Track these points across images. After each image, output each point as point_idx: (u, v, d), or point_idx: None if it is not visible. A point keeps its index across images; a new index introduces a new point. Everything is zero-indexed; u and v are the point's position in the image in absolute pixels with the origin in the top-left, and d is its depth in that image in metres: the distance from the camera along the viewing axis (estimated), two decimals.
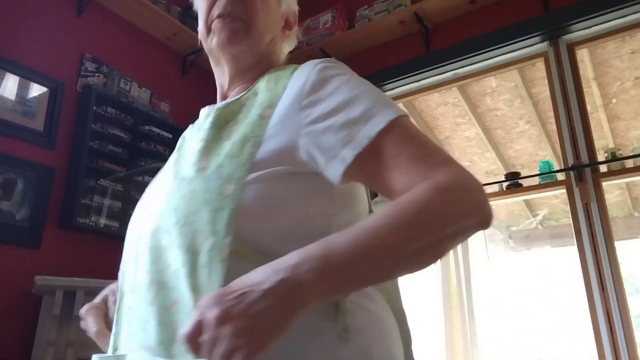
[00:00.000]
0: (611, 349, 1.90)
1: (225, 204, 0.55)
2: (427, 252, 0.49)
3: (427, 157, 0.54)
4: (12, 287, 1.99)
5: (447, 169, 0.52)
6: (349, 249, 0.46)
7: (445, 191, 0.50)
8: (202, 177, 0.59)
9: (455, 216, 0.49)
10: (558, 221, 5.16)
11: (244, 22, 0.73)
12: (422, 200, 0.49)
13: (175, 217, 0.57)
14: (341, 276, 0.46)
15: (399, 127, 0.56)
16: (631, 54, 3.19)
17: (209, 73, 3.58)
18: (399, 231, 0.47)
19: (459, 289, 2.23)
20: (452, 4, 2.59)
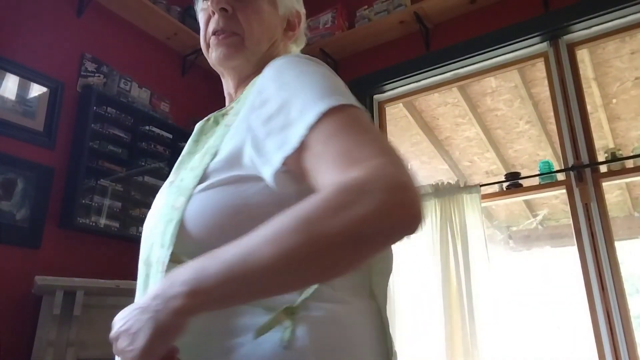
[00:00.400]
0: (611, 349, 1.90)
1: (174, 216, 0.57)
2: (317, 264, 0.43)
3: (351, 152, 0.47)
4: (12, 287, 1.99)
5: (366, 165, 0.45)
6: (221, 268, 0.45)
7: (343, 192, 0.43)
8: (167, 192, 0.63)
9: (346, 221, 0.42)
10: (558, 221, 5.16)
11: (239, 35, 0.75)
12: (310, 206, 0.44)
13: (151, 232, 0.62)
14: (213, 296, 0.46)
15: (331, 120, 0.50)
16: (631, 54, 3.19)
17: (209, 73, 3.59)
18: (275, 243, 0.43)
19: (459, 289, 2.23)
20: (452, 4, 2.59)
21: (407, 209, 0.43)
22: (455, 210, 2.40)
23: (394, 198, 0.42)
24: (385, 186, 0.43)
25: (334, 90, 0.54)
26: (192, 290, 0.46)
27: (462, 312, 2.20)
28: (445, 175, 4.34)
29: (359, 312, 0.60)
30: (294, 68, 0.58)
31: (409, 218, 0.43)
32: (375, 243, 0.43)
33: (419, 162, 4.46)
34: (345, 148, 0.48)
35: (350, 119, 0.51)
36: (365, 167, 0.44)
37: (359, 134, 0.49)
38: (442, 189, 2.49)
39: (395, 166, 0.45)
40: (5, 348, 1.92)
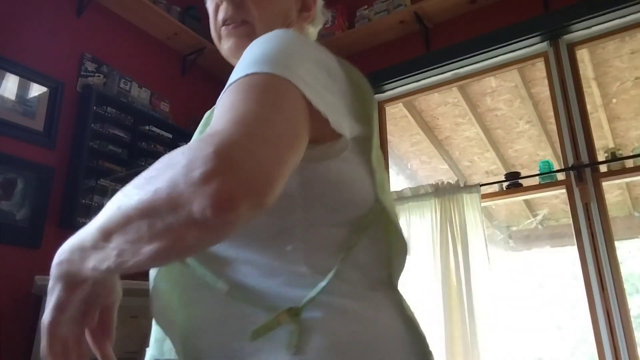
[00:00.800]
0: (611, 349, 1.90)
1: None
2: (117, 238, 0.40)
3: (215, 120, 0.41)
4: (12, 287, 1.99)
5: (203, 137, 0.38)
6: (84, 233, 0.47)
7: (157, 164, 0.39)
8: None
9: (138, 192, 0.38)
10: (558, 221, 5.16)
11: (249, 22, 0.71)
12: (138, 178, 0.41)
13: None
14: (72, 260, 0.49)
15: (235, 86, 0.47)
16: (631, 54, 3.19)
17: (209, 73, 3.59)
18: (102, 211, 0.43)
19: (459, 289, 2.23)
20: (452, 4, 2.59)
21: (202, 189, 0.34)
22: (455, 210, 2.40)
23: (188, 173, 0.34)
24: (186, 159, 0.36)
25: (273, 60, 0.48)
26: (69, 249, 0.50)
27: (462, 312, 2.20)
28: (445, 175, 4.34)
29: (380, 307, 0.55)
30: (261, 41, 0.54)
31: (204, 201, 0.34)
32: (172, 226, 0.36)
33: (419, 162, 4.46)
34: (217, 114, 0.43)
35: (252, 85, 0.45)
36: (201, 136, 0.38)
37: (243, 100, 0.43)
38: (442, 188, 2.49)
39: (222, 137, 0.36)
40: (5, 348, 1.92)
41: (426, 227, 2.46)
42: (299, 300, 0.50)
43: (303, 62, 0.51)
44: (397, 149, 4.30)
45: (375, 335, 0.51)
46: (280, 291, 0.51)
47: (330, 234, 0.55)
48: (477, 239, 2.30)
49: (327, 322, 0.49)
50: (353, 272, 0.55)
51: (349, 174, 0.56)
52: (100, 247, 0.43)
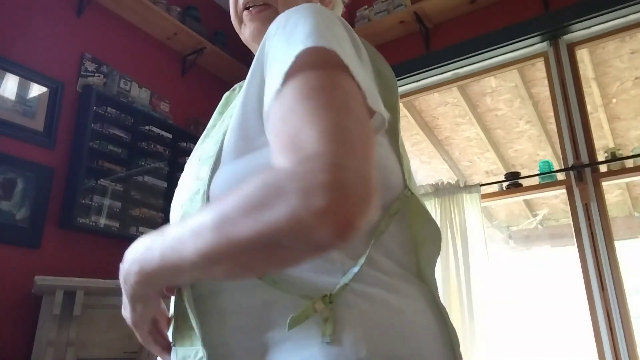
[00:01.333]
0: (611, 349, 1.90)
1: (200, 187, 0.54)
2: (233, 264, 0.41)
3: (299, 130, 0.40)
4: (12, 287, 1.99)
5: (298, 154, 0.38)
6: (159, 253, 0.46)
7: (263, 188, 0.38)
8: (191, 164, 0.61)
9: (257, 226, 0.37)
10: (558, 221, 5.16)
11: (271, 6, 0.69)
12: (233, 200, 0.40)
13: (176, 207, 0.60)
14: (156, 277, 0.49)
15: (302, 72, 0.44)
16: (631, 54, 3.19)
17: (209, 73, 3.58)
18: (197, 238, 0.41)
19: (459, 288, 2.23)
20: (452, 4, 2.59)
21: (326, 218, 0.35)
22: (455, 210, 2.40)
23: (309, 204, 0.35)
24: (301, 189, 0.36)
25: (321, 35, 0.46)
26: (141, 270, 0.49)
27: (462, 312, 2.20)
28: (445, 175, 4.34)
29: (411, 296, 0.53)
30: (293, 13, 0.52)
31: (328, 229, 0.35)
32: (291, 252, 0.38)
33: (419, 162, 4.46)
34: (297, 125, 0.41)
35: (318, 80, 0.44)
36: (295, 157, 0.38)
37: (320, 108, 0.41)
38: (442, 188, 2.49)
39: (327, 160, 0.36)
40: (5, 348, 1.92)
41: None
42: (331, 287, 0.48)
43: (345, 40, 0.50)
44: None
45: (408, 325, 0.50)
46: (310, 277, 0.50)
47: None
48: (477, 239, 2.30)
49: (360, 310, 0.48)
50: (383, 259, 0.54)
51: (382, 155, 0.56)
52: (200, 271, 0.44)
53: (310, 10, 0.52)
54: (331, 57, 0.45)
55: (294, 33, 0.48)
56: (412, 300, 0.53)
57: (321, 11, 0.52)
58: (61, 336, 1.92)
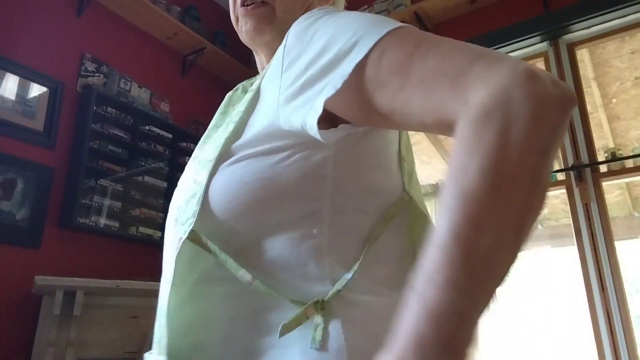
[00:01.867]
0: (611, 349, 1.90)
1: (197, 191, 0.52)
2: (535, 205, 0.35)
3: (443, 68, 0.38)
4: (12, 287, 1.99)
5: (472, 78, 0.36)
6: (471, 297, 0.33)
7: (489, 120, 0.34)
8: (189, 167, 0.58)
9: (523, 147, 0.33)
10: (558, 221, 5.16)
11: (268, 4, 0.67)
12: (477, 159, 0.33)
13: (172, 209, 0.57)
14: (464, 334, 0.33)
15: (393, 40, 0.42)
16: (631, 54, 3.19)
17: (209, 73, 3.58)
18: (490, 229, 0.32)
19: None
20: (452, 4, 2.59)
21: (555, 90, 0.35)
22: None
23: (537, 90, 0.34)
24: (519, 86, 0.34)
25: (381, 20, 0.45)
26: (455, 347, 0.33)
27: None
28: None
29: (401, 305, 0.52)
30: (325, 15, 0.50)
31: (563, 97, 0.35)
32: (556, 134, 0.35)
33: (419, 162, 4.46)
34: (432, 67, 0.39)
35: (415, 34, 0.42)
36: (475, 80, 0.36)
37: (435, 45, 0.40)
38: None
39: (501, 61, 0.36)
40: (5, 348, 1.92)
41: None
42: (321, 294, 0.48)
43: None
44: None
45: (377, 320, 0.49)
46: (299, 284, 0.49)
47: (357, 221, 0.53)
48: None
49: (351, 318, 0.48)
50: (376, 266, 0.53)
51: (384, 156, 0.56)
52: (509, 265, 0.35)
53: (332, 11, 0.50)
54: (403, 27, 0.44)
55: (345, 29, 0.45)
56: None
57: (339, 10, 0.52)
58: (61, 336, 1.92)
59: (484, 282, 0.33)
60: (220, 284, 0.51)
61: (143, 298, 2.18)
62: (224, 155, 0.53)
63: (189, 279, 0.53)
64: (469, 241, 0.32)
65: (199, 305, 0.52)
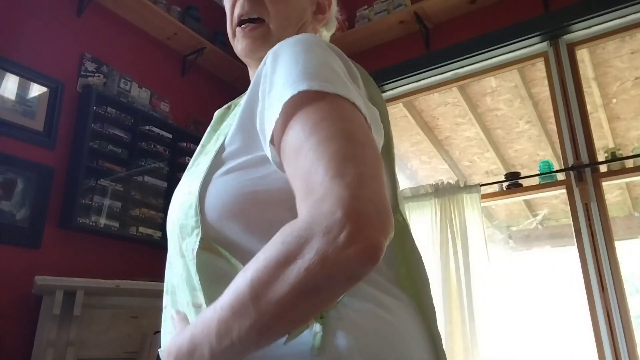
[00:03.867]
0: (611, 349, 1.90)
1: (192, 201, 0.56)
2: (281, 325, 0.41)
3: (309, 174, 0.42)
4: (12, 287, 1.99)
5: (313, 198, 0.40)
6: (208, 352, 0.44)
7: (288, 243, 0.39)
8: (185, 180, 0.62)
9: (292, 281, 0.38)
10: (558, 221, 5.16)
11: (264, 23, 0.71)
12: (260, 264, 0.41)
13: (172, 222, 0.60)
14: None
15: (300, 112, 0.46)
16: (631, 54, 3.19)
17: (209, 73, 3.57)
18: (239, 317, 0.41)
19: (459, 288, 2.23)
20: (452, 4, 2.59)
21: (353, 250, 0.37)
22: (455, 210, 2.40)
23: (334, 243, 0.37)
24: (322, 231, 0.38)
25: (317, 74, 0.49)
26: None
27: (462, 312, 2.20)
28: (445, 175, 4.34)
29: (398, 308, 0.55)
30: (290, 46, 0.55)
31: (358, 259, 0.37)
32: (330, 291, 0.39)
33: (419, 162, 4.46)
34: (306, 167, 0.43)
35: (319, 113, 0.46)
36: (310, 203, 0.40)
37: (322, 142, 0.43)
38: (442, 188, 2.49)
39: (338, 196, 0.39)
40: (5, 348, 1.92)
41: (426, 227, 2.46)
42: None
43: (342, 74, 0.53)
44: (397, 149, 4.30)
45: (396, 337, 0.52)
46: None
47: None
48: (477, 239, 2.30)
49: (352, 322, 0.49)
50: (373, 274, 0.54)
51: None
52: (255, 345, 0.43)
53: (303, 44, 0.55)
54: (327, 92, 0.47)
55: (290, 70, 0.50)
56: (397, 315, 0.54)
57: (315, 44, 0.55)
58: (61, 336, 1.92)
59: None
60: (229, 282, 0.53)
61: (143, 298, 2.18)
62: (214, 167, 0.57)
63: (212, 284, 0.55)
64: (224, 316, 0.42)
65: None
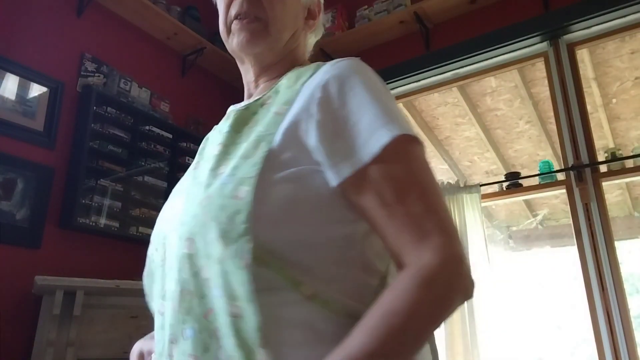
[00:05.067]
0: (611, 349, 1.90)
1: (241, 208, 0.53)
2: (415, 349, 0.50)
3: (421, 219, 0.52)
4: (12, 287, 1.99)
5: (434, 244, 0.50)
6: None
7: (431, 287, 0.49)
8: (218, 182, 0.58)
9: (441, 312, 0.50)
10: (558, 221, 5.16)
11: (262, 20, 0.72)
12: (408, 306, 0.48)
13: (196, 224, 0.56)
14: None
15: (395, 157, 0.54)
16: (631, 54, 3.19)
17: (209, 73, 3.57)
18: (386, 344, 0.47)
19: None
20: (452, 4, 2.59)
21: (473, 281, 0.52)
22: (455, 210, 2.40)
23: (468, 275, 0.52)
24: (461, 269, 0.51)
25: (398, 115, 0.57)
26: None
27: (462, 312, 2.20)
28: (445, 175, 4.34)
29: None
30: (356, 76, 0.61)
31: (470, 291, 0.52)
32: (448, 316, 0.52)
33: None
34: (415, 212, 0.52)
35: (416, 163, 0.56)
36: (436, 247, 0.50)
37: (426, 192, 0.54)
38: (442, 188, 2.49)
39: (457, 243, 0.52)
40: (5, 348, 1.92)
41: None
42: (363, 308, 0.53)
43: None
44: None
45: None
46: (347, 299, 0.55)
47: (379, 241, 0.58)
48: (477, 239, 2.30)
49: None
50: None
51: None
52: None
53: (368, 75, 0.62)
54: (412, 137, 0.56)
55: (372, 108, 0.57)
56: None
57: (374, 74, 0.64)
58: (61, 336, 1.92)
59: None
60: (276, 293, 0.53)
61: (143, 298, 2.18)
62: (265, 173, 0.55)
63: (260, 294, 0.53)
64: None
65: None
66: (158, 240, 0.66)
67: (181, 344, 0.56)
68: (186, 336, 0.55)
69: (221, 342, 0.52)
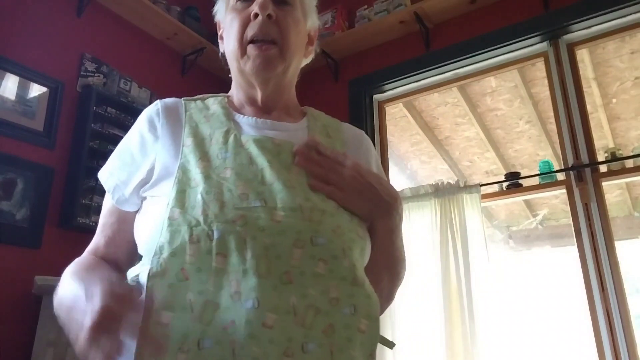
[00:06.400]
0: (611, 349, 1.90)
1: (363, 246, 0.68)
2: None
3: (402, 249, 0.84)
4: (12, 287, 1.99)
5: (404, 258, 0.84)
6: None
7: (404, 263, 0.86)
8: (341, 214, 0.66)
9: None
10: (558, 221, 5.16)
11: (278, 45, 0.73)
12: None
13: (333, 248, 0.61)
14: None
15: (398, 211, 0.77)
16: (631, 54, 3.20)
17: (209, 73, 3.57)
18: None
19: (459, 289, 2.23)
20: (452, 4, 2.59)
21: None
22: (455, 210, 2.40)
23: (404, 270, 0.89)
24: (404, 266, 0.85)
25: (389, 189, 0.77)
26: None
27: (462, 312, 2.20)
28: (445, 175, 4.34)
29: None
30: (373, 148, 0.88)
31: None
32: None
33: (419, 162, 4.46)
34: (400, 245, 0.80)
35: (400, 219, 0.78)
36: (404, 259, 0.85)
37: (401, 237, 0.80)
38: (442, 189, 2.49)
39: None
40: (5, 348, 1.92)
41: (426, 227, 2.46)
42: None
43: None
44: (397, 149, 4.30)
45: None
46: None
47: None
48: (477, 239, 2.30)
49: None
50: None
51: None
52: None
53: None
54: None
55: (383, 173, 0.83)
56: None
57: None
58: (61, 336, 1.91)
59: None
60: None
61: None
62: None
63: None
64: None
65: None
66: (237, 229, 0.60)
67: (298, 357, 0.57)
68: (308, 350, 0.57)
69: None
